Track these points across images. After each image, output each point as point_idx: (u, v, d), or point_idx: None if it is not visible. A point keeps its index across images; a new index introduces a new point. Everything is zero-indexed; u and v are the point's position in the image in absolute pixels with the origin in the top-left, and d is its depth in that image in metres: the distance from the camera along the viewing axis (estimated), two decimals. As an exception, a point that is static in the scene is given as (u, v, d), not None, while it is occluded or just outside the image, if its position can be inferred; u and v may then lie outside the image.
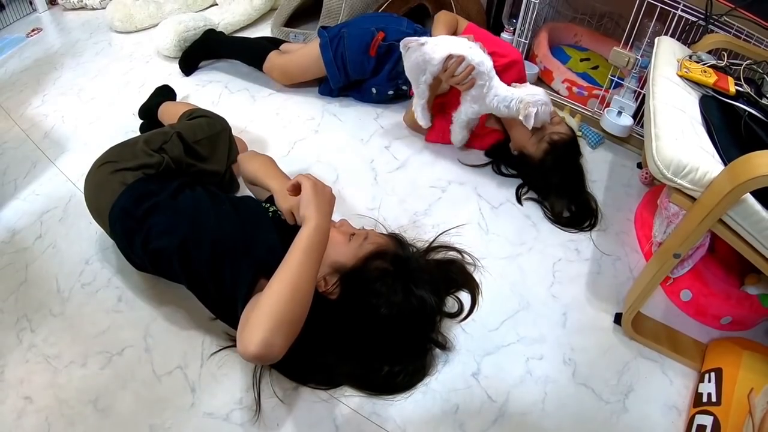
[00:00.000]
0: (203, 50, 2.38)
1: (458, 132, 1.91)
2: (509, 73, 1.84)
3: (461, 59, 1.66)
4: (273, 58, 2.21)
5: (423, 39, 1.73)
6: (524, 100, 1.67)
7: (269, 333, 0.96)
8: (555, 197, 1.79)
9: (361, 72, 2.09)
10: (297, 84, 2.26)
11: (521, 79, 1.83)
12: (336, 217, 1.64)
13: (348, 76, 2.11)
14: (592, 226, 1.76)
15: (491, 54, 1.73)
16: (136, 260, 1.41)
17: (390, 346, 1.25)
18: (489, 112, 1.78)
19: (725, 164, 1.12)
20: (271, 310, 0.99)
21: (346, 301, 1.21)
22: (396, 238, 1.37)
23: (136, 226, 1.30)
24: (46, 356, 1.33)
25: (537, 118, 1.67)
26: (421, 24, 2.30)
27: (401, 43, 1.76)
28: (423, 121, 1.87)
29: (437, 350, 1.36)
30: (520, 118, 1.68)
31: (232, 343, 1.31)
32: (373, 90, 2.16)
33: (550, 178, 1.78)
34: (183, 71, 2.33)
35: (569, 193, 1.79)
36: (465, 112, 1.81)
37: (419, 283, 1.22)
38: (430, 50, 1.70)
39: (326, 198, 1.19)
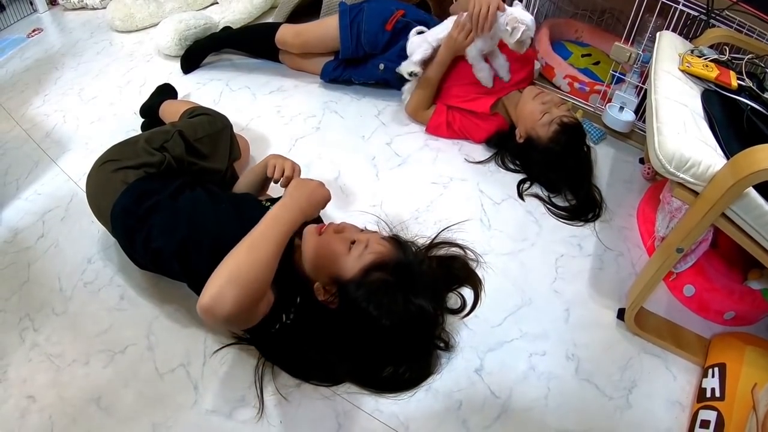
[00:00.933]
0: (209, 44, 2.38)
1: (480, 69, 1.93)
2: (528, 66, 1.95)
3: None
4: (288, 25, 2.23)
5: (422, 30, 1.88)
6: (514, 16, 1.72)
7: (220, 287, 1.01)
8: (559, 186, 1.80)
9: (373, 44, 2.08)
10: (301, 70, 2.30)
11: (529, 78, 1.89)
12: (338, 215, 1.66)
13: (360, 46, 2.09)
14: (596, 217, 1.76)
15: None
16: (138, 259, 1.41)
17: (392, 350, 1.25)
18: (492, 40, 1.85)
19: (728, 158, 1.12)
20: (226, 267, 1.04)
21: (347, 311, 1.20)
22: (397, 242, 1.34)
23: (137, 225, 1.30)
24: (48, 355, 1.33)
25: (522, 35, 1.71)
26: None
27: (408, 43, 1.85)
28: (414, 66, 1.92)
29: (440, 350, 1.36)
30: (508, 29, 1.73)
31: (234, 340, 1.31)
32: (381, 66, 2.13)
33: (558, 163, 1.78)
34: (183, 69, 2.33)
35: (575, 181, 1.79)
36: (472, 50, 1.88)
37: (420, 291, 1.22)
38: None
39: (305, 190, 1.29)
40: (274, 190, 1.57)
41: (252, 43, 2.37)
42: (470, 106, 1.98)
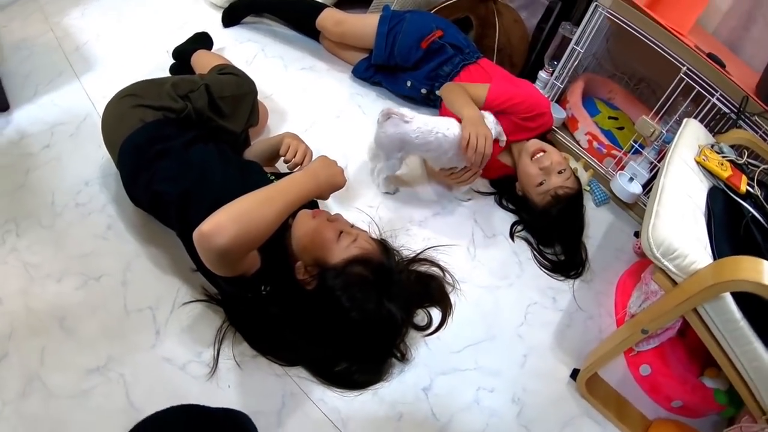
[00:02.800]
0: (254, 4, 2.38)
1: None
2: (536, 121, 1.89)
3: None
4: (331, 10, 2.24)
5: (408, 114, 1.64)
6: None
7: (225, 220, 1.04)
8: (548, 243, 1.83)
9: (405, 58, 2.10)
10: (338, 53, 2.33)
11: (543, 127, 1.90)
12: (335, 206, 1.68)
13: (392, 56, 2.11)
14: (577, 275, 1.79)
15: (520, 104, 1.82)
16: (135, 195, 1.43)
17: (352, 346, 1.29)
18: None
19: (715, 258, 1.15)
20: (237, 206, 1.08)
21: (321, 296, 1.24)
22: (384, 246, 1.40)
23: (144, 164, 1.32)
24: (25, 263, 1.35)
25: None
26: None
27: (381, 111, 1.65)
28: (384, 188, 1.83)
29: (396, 359, 1.39)
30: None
31: (206, 297, 1.34)
32: (408, 83, 2.16)
33: (549, 228, 1.82)
34: (224, 22, 2.35)
35: (564, 242, 1.83)
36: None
37: (394, 297, 1.26)
38: (428, 131, 1.63)
39: (330, 170, 1.36)
40: (281, 165, 1.59)
41: (295, 16, 2.38)
42: None
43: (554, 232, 1.82)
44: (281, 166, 1.60)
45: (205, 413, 1.01)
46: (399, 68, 2.15)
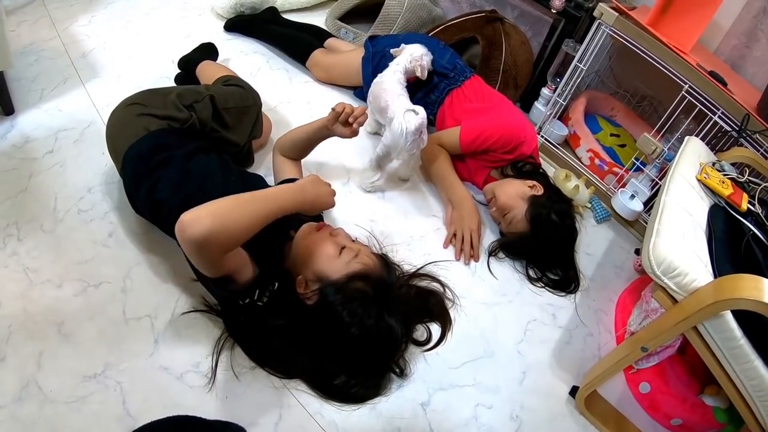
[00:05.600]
0: (251, 28, 2.42)
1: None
2: (514, 153, 1.88)
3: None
4: (318, 56, 2.26)
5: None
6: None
7: (202, 214, 1.05)
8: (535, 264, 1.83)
9: None
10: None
11: (522, 156, 1.89)
12: (336, 218, 1.68)
13: None
14: (574, 291, 1.79)
15: (496, 141, 1.84)
16: (137, 204, 1.43)
17: (352, 360, 1.29)
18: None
19: (715, 276, 1.15)
20: (217, 204, 1.09)
21: (321, 311, 1.24)
22: (385, 261, 1.40)
23: (146, 173, 1.33)
24: (25, 267, 1.35)
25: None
26: (463, 51, 2.35)
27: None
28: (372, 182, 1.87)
29: (395, 375, 1.39)
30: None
31: (206, 307, 1.33)
32: None
33: (522, 256, 1.83)
34: (226, 27, 2.42)
35: (543, 266, 1.83)
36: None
37: (394, 312, 1.26)
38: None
39: (317, 190, 1.34)
40: (306, 166, 1.59)
41: (288, 53, 2.38)
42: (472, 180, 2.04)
43: (525, 260, 1.82)
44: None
45: (201, 424, 1.00)
46: None
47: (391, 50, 1.98)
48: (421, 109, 1.67)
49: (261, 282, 1.24)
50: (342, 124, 1.56)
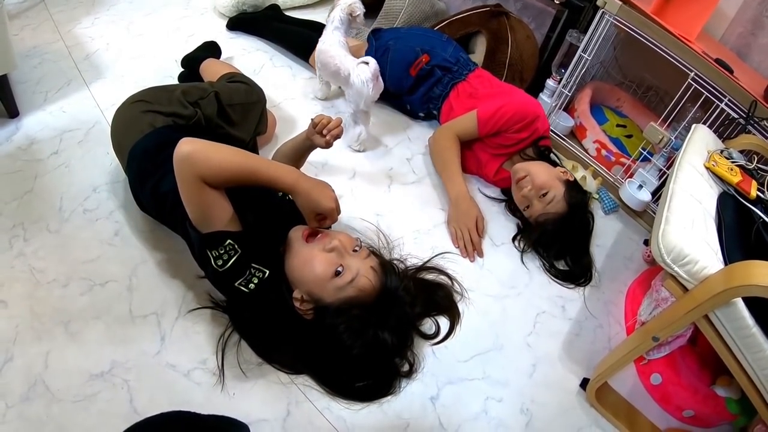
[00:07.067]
0: (253, 26, 2.42)
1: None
2: (528, 129, 1.89)
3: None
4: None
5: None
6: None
7: (198, 140, 1.15)
8: (549, 255, 1.81)
9: (398, 87, 2.13)
10: None
11: (537, 133, 1.89)
12: (343, 219, 1.67)
13: (385, 87, 2.12)
14: (586, 282, 1.77)
15: (511, 117, 1.84)
16: (142, 201, 1.43)
17: (355, 369, 1.28)
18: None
19: (726, 264, 1.13)
20: (216, 144, 1.18)
21: (320, 329, 1.22)
22: (385, 268, 1.32)
23: (152, 169, 1.32)
24: (31, 268, 1.35)
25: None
26: (465, 48, 2.33)
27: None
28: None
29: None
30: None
31: (212, 304, 1.33)
32: (408, 106, 2.21)
33: (544, 244, 1.81)
34: (228, 26, 2.43)
35: (563, 255, 1.82)
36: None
37: (396, 322, 1.25)
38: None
39: (316, 187, 1.30)
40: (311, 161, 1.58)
41: (291, 49, 2.38)
42: (481, 172, 2.04)
43: (549, 248, 1.81)
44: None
45: (193, 419, 1.00)
46: (397, 94, 2.18)
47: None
48: (370, 59, 1.80)
49: (254, 256, 1.23)
50: (318, 134, 1.53)
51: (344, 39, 1.98)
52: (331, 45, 1.94)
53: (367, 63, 1.77)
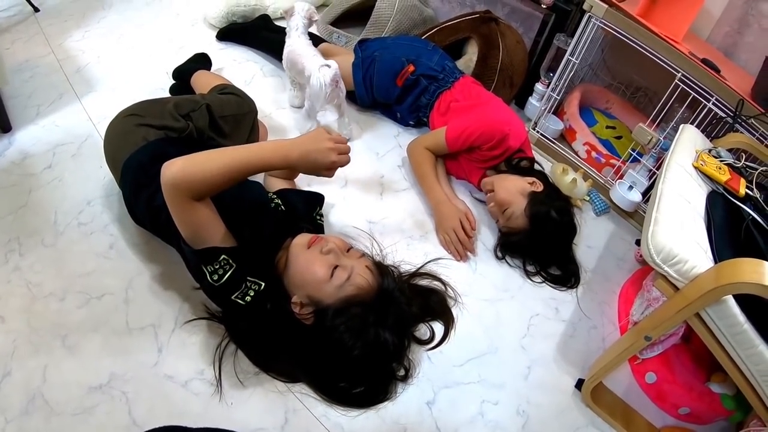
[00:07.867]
0: (243, 36, 2.43)
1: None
2: (500, 148, 1.87)
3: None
4: None
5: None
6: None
7: (180, 158, 1.13)
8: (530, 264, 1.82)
9: (386, 97, 2.15)
10: None
11: (509, 151, 1.88)
12: (334, 223, 1.69)
13: (374, 98, 2.17)
14: (575, 284, 1.78)
15: (478, 137, 1.84)
16: (137, 214, 1.44)
17: (355, 372, 1.29)
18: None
19: (716, 262, 1.15)
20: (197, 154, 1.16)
21: (320, 332, 1.23)
22: (381, 270, 1.35)
23: (146, 181, 1.33)
24: (28, 282, 1.36)
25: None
26: (458, 53, 2.35)
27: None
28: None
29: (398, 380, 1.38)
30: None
31: (208, 315, 1.34)
32: (398, 114, 2.22)
33: (519, 252, 1.82)
34: (218, 37, 2.43)
35: (545, 264, 1.82)
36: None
37: (393, 326, 1.25)
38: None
39: (315, 145, 1.27)
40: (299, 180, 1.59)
41: (280, 58, 2.38)
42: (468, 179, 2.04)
43: (523, 257, 1.81)
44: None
45: None
46: (386, 103, 2.20)
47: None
48: (333, 62, 1.82)
49: (249, 268, 1.23)
50: None
51: (309, 41, 2.02)
52: (300, 46, 1.98)
53: (329, 66, 1.79)
